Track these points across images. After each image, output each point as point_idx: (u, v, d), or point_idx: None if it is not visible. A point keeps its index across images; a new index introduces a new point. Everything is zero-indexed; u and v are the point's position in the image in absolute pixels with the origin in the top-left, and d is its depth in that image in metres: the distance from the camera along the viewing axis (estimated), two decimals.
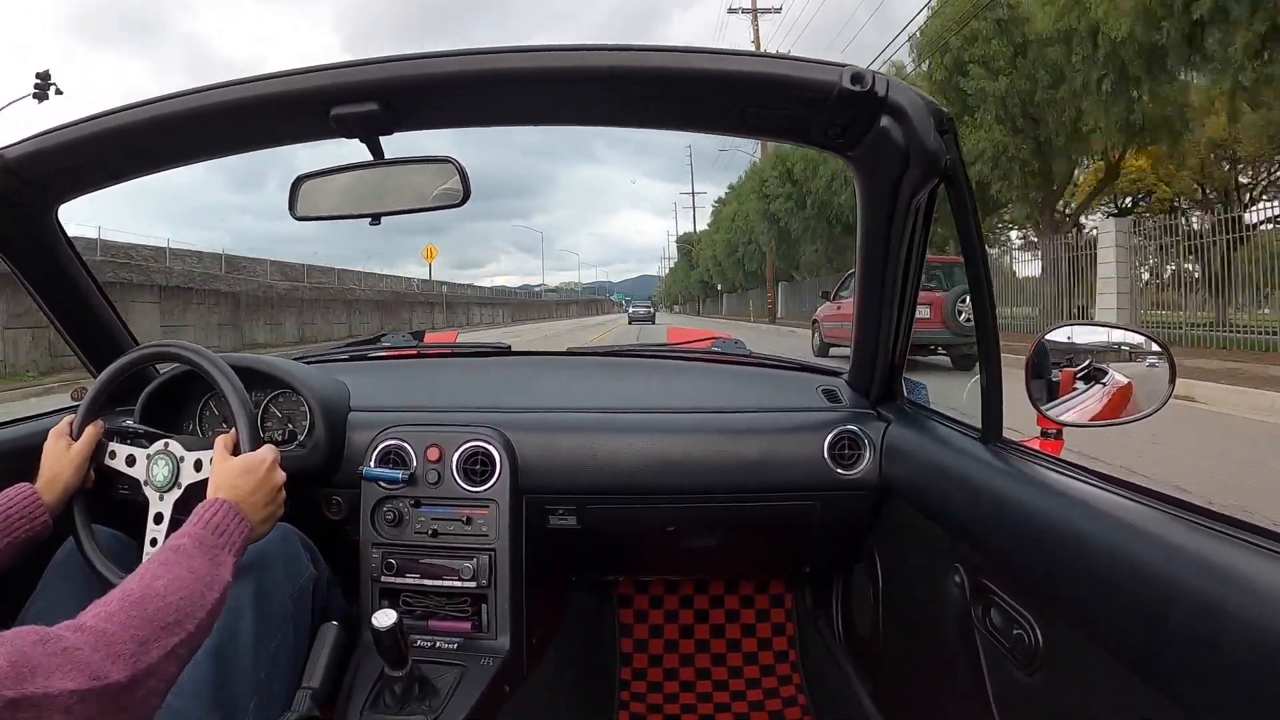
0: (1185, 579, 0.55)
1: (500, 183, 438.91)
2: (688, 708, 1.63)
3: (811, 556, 1.46)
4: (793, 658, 1.70)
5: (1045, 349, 1.01)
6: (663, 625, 1.76)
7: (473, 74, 0.80)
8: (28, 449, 1.03)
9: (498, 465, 1.17)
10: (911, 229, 1.00)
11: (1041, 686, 0.76)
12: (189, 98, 0.84)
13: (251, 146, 0.96)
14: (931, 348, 8.85)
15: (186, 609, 0.70)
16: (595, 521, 1.26)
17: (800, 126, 0.86)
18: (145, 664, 0.64)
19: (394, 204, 0.95)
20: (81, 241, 15.19)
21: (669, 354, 1.63)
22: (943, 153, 0.82)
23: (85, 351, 1.23)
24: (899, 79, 0.81)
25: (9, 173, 0.91)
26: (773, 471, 1.22)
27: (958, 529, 0.94)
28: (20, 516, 0.89)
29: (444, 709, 0.98)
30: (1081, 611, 0.67)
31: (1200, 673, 0.52)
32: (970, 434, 1.01)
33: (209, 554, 0.78)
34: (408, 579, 1.14)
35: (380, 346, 1.70)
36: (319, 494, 1.23)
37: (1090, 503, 0.71)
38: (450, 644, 1.11)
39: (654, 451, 1.22)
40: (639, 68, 0.78)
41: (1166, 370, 0.97)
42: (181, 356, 1.03)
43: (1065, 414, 0.99)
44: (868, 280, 1.11)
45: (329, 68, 0.81)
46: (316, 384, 1.21)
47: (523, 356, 1.71)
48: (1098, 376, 1.00)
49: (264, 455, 0.93)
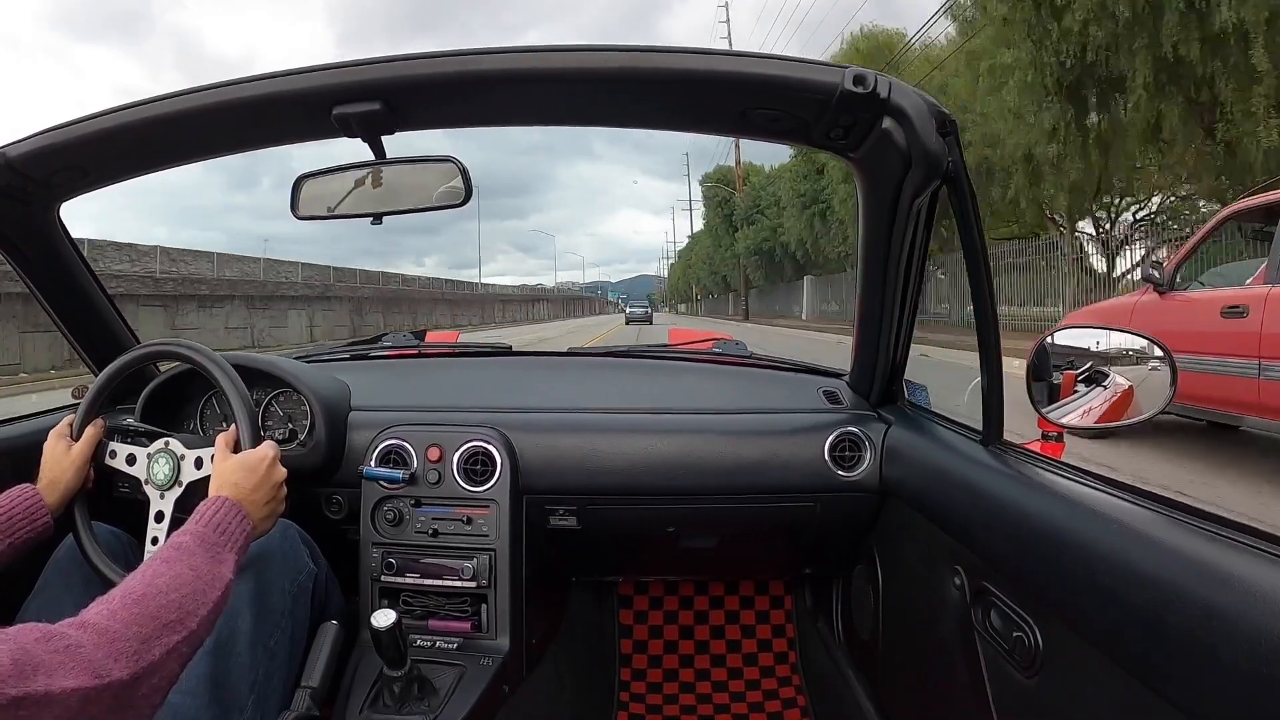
0: (1185, 582, 0.55)
1: (497, 181, 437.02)
2: (687, 709, 1.63)
3: (811, 558, 1.46)
4: (792, 659, 1.70)
5: (1046, 352, 1.01)
6: (662, 626, 1.76)
7: (475, 74, 0.80)
8: (28, 448, 1.03)
9: (498, 465, 1.17)
10: (913, 231, 1.00)
11: (1041, 689, 0.76)
12: (191, 96, 0.84)
13: (253, 145, 0.96)
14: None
15: (189, 606, 0.70)
16: (595, 522, 1.26)
17: (802, 127, 0.86)
18: (148, 662, 0.64)
19: (396, 204, 0.95)
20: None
21: (670, 355, 1.63)
22: (944, 155, 0.82)
23: (86, 349, 1.23)
24: (900, 81, 0.81)
25: (12, 170, 0.91)
26: (773, 472, 1.22)
27: (958, 531, 0.94)
28: (22, 518, 0.89)
29: (443, 709, 0.98)
30: (1082, 614, 0.67)
31: (1200, 676, 0.52)
32: (971, 436, 1.01)
33: (211, 552, 0.78)
34: (407, 579, 1.14)
35: (381, 346, 1.70)
36: (319, 493, 1.23)
37: (1091, 506, 0.71)
38: (450, 644, 1.11)
39: (654, 452, 1.22)
40: (641, 69, 0.78)
41: (1167, 373, 0.97)
42: (182, 355, 1.03)
43: (1066, 417, 0.99)
44: (869, 282, 1.11)
45: (331, 67, 0.81)
46: (317, 383, 1.21)
47: (523, 357, 1.71)
48: (1099, 379, 1.00)
49: (264, 452, 0.93)
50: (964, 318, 14.35)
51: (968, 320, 10.51)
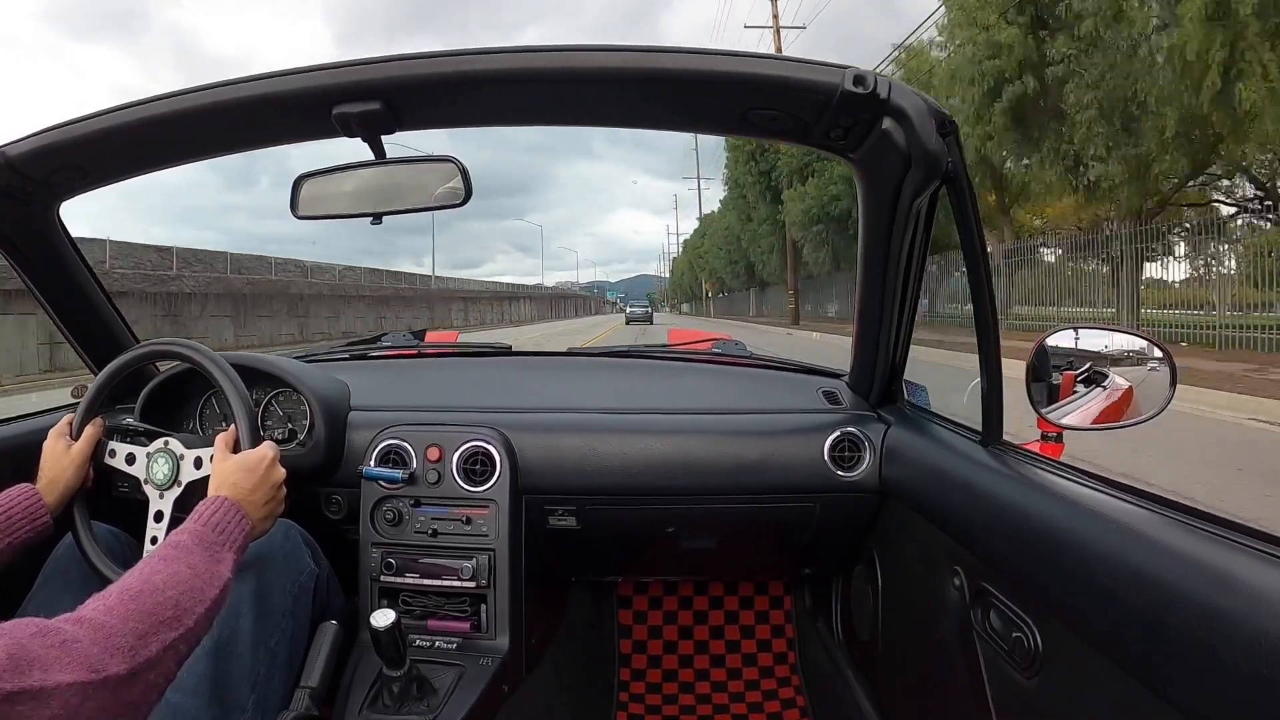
0: (1185, 583, 0.55)
1: (497, 181, 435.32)
2: (686, 709, 1.63)
3: (811, 558, 1.46)
4: (792, 659, 1.70)
5: (1046, 352, 1.01)
6: (662, 626, 1.76)
7: (476, 74, 0.80)
8: (28, 447, 1.03)
9: (497, 465, 1.17)
10: (913, 231, 1.00)
11: (1040, 690, 0.76)
12: (191, 96, 0.84)
13: (253, 145, 0.96)
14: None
15: (186, 604, 0.71)
16: (595, 522, 1.26)
17: (802, 128, 0.86)
18: (144, 657, 0.64)
19: (396, 204, 0.95)
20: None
21: (669, 355, 1.63)
22: (944, 155, 0.82)
23: (86, 349, 1.23)
24: (901, 81, 0.81)
25: (12, 170, 0.91)
26: (773, 473, 1.22)
27: (957, 531, 0.94)
28: (22, 517, 0.89)
29: (442, 709, 0.98)
30: (1081, 615, 0.67)
31: (1199, 677, 0.52)
32: (970, 437, 1.01)
33: (209, 550, 0.78)
34: (407, 579, 1.14)
35: (380, 346, 1.70)
36: (319, 493, 1.23)
37: (1090, 506, 0.71)
38: (449, 644, 1.11)
39: (654, 452, 1.22)
40: (641, 69, 0.78)
41: (1167, 374, 0.97)
42: (182, 355, 1.03)
43: (1065, 417, 0.99)
44: (868, 282, 1.11)
45: (331, 66, 0.81)
46: (317, 383, 1.21)
47: (523, 357, 1.71)
48: (1098, 380, 1.00)
49: (264, 452, 0.93)
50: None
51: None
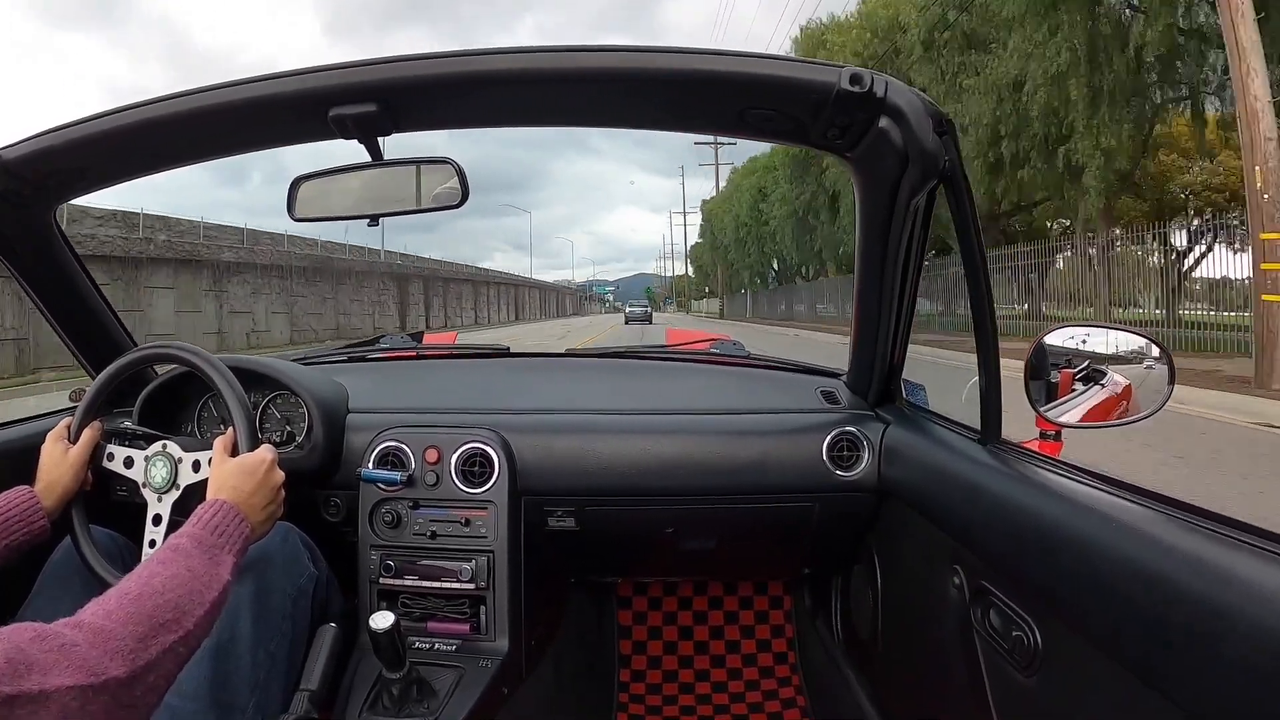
0: (1184, 580, 0.55)
1: (493, 178, 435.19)
2: (686, 709, 1.63)
3: (810, 558, 1.46)
4: (792, 659, 1.70)
5: (1044, 350, 1.01)
6: (661, 627, 1.76)
7: (472, 75, 0.80)
8: (26, 450, 1.02)
9: (496, 467, 1.16)
10: (910, 230, 1.00)
11: (1040, 688, 0.76)
12: (187, 99, 0.84)
13: (250, 147, 0.96)
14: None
15: (185, 607, 0.70)
16: (594, 523, 1.26)
17: (799, 128, 0.87)
18: (144, 661, 0.64)
19: (392, 205, 0.95)
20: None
21: (667, 355, 1.63)
22: (941, 154, 0.82)
23: (83, 353, 1.22)
24: (898, 80, 0.81)
25: (8, 173, 0.91)
26: (771, 473, 1.22)
27: (957, 530, 0.94)
28: (19, 520, 0.89)
29: (442, 710, 0.98)
30: (1080, 613, 0.67)
31: (1199, 674, 0.52)
32: (969, 435, 1.01)
33: (208, 553, 0.78)
34: (406, 580, 1.14)
35: (378, 348, 1.70)
36: (317, 495, 1.23)
37: (1089, 504, 0.71)
38: (448, 645, 1.10)
39: (652, 453, 1.22)
40: (638, 69, 0.78)
41: (1165, 372, 0.97)
42: (179, 358, 1.03)
43: (1064, 415, 0.99)
44: (866, 281, 1.11)
45: (328, 68, 0.81)
46: (315, 385, 1.20)
47: (521, 358, 1.71)
48: (1096, 378, 1.00)
49: (262, 455, 0.93)
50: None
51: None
